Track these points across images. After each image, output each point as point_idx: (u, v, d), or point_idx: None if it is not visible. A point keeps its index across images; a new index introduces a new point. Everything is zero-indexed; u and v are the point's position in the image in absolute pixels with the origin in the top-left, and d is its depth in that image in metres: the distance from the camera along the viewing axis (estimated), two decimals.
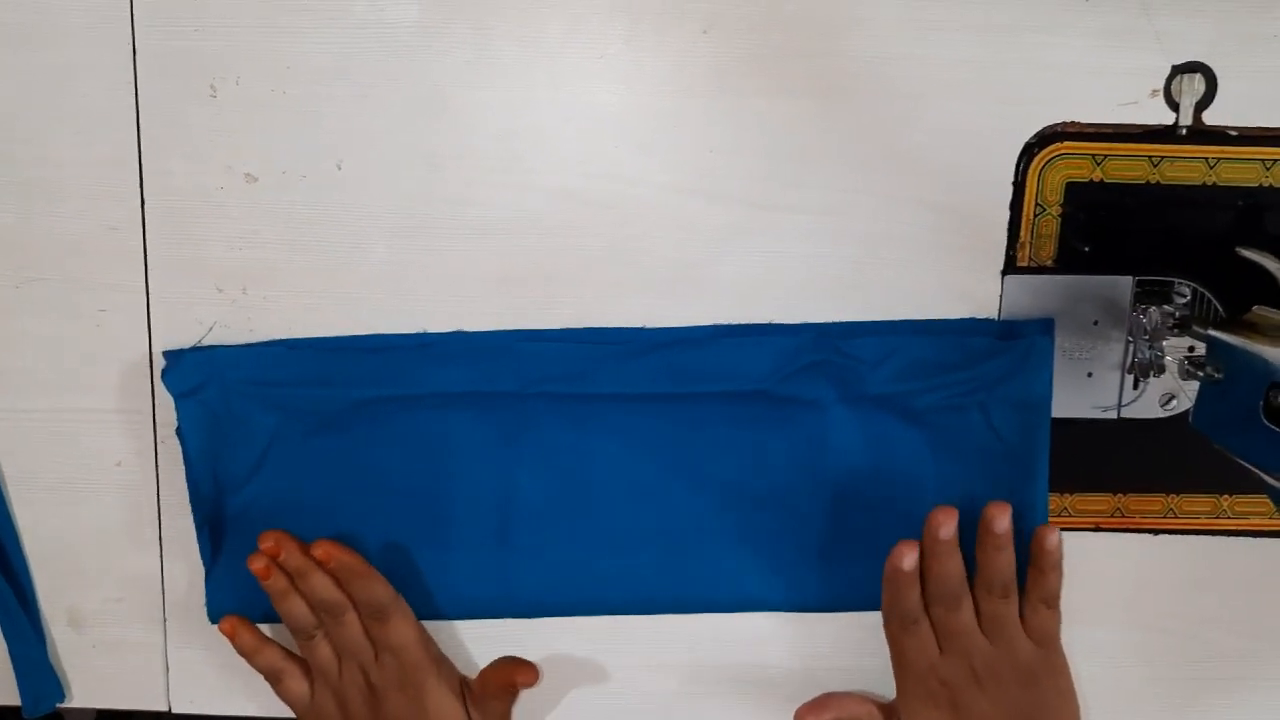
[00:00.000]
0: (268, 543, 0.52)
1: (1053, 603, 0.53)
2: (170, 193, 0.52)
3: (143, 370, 0.54)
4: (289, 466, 0.54)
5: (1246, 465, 0.46)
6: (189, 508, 0.54)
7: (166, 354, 0.53)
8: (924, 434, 0.54)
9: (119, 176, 0.52)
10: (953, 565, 0.52)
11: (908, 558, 0.52)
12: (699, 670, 0.57)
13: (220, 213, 0.52)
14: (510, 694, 0.55)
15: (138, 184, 0.52)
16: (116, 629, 0.57)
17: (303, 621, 0.53)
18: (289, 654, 0.55)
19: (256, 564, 0.52)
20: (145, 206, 0.52)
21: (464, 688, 0.56)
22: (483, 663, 0.56)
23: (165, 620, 0.57)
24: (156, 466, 0.55)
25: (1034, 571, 0.53)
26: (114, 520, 0.56)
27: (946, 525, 0.52)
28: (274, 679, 0.55)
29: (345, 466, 0.54)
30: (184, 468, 0.54)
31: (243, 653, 0.54)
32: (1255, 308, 0.48)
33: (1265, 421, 0.45)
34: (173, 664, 0.57)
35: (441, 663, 0.55)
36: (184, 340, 0.53)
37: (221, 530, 0.55)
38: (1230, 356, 0.47)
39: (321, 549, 0.52)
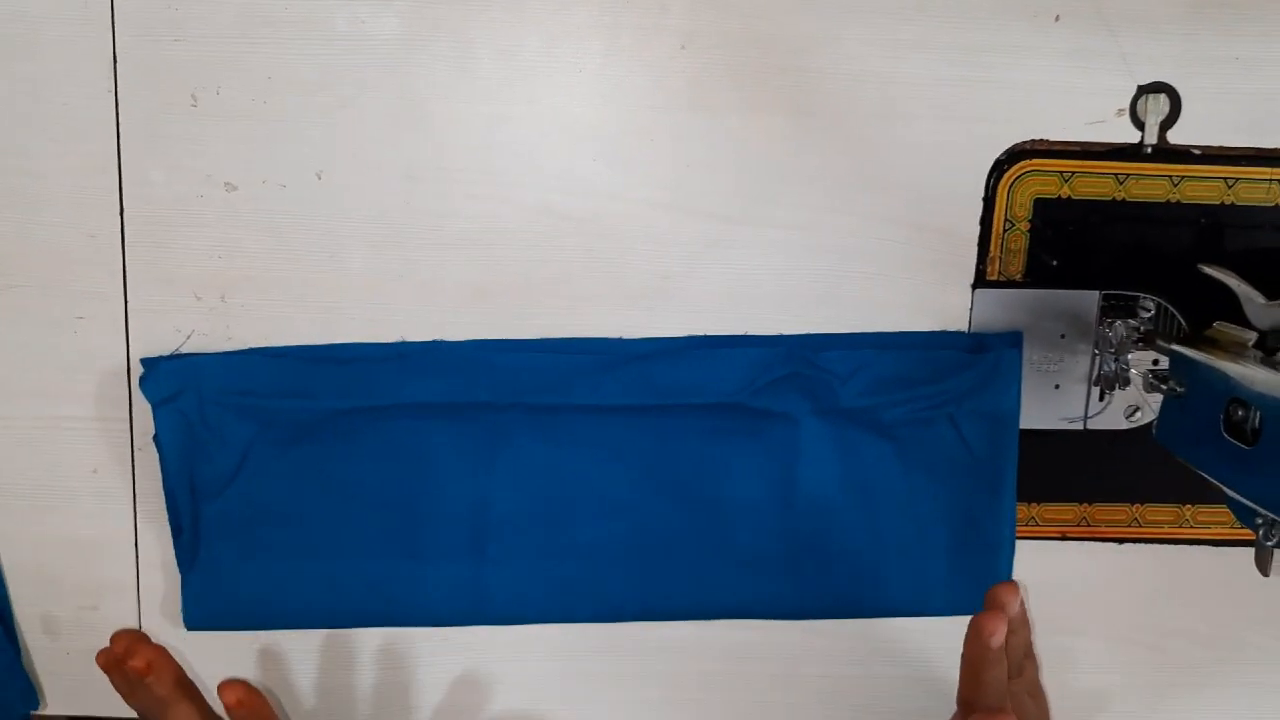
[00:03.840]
0: (119, 645, 0.51)
1: (1030, 653, 0.54)
2: (150, 201, 0.52)
3: (120, 378, 0.54)
4: (265, 475, 0.54)
5: (1207, 478, 0.47)
6: (165, 516, 0.54)
7: (144, 361, 0.53)
8: (894, 446, 0.55)
9: (99, 185, 0.52)
10: (1002, 670, 0.48)
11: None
12: (678, 677, 0.58)
13: (200, 221, 0.52)
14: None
15: (117, 192, 0.52)
16: (91, 636, 0.56)
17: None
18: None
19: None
20: (124, 215, 0.52)
21: None
22: (449, 668, 0.57)
23: (141, 628, 0.57)
24: (133, 474, 0.55)
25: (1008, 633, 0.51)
26: (90, 528, 0.55)
27: (998, 635, 0.47)
28: None
29: (321, 476, 0.54)
30: (160, 475, 0.54)
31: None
32: (1216, 323, 0.49)
33: (1225, 435, 0.46)
34: None
35: None
36: (162, 348, 0.53)
37: (198, 538, 0.55)
38: (1192, 371, 0.48)
39: (232, 694, 0.51)
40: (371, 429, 0.54)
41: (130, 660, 0.51)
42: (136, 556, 0.56)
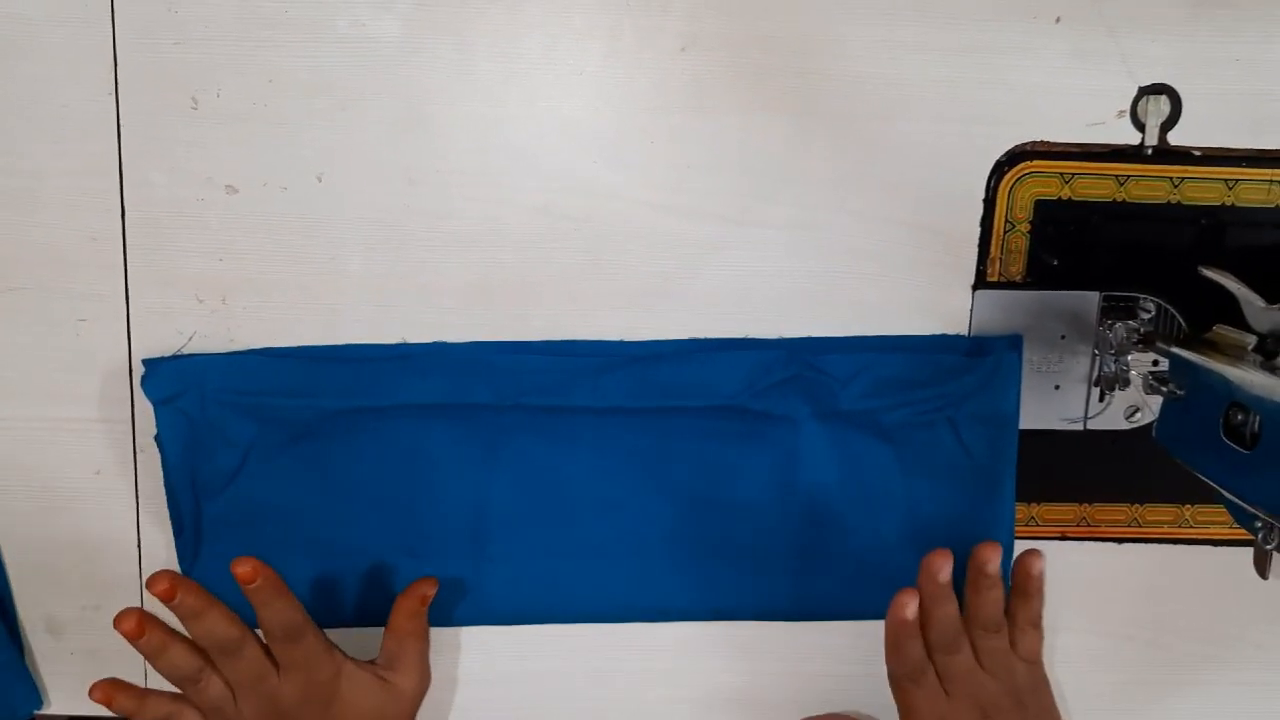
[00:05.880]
0: (161, 585, 0.48)
1: (1038, 623, 0.55)
2: (151, 203, 0.52)
3: (122, 379, 0.54)
4: (266, 475, 0.54)
5: (1206, 481, 0.47)
6: (167, 516, 0.55)
7: (145, 362, 0.53)
8: (894, 449, 0.55)
9: (100, 187, 0.52)
10: (952, 609, 0.53)
11: (910, 606, 0.53)
12: (678, 677, 0.58)
13: (201, 223, 0.52)
14: (422, 620, 0.54)
15: (118, 194, 0.52)
16: (95, 636, 0.57)
17: (187, 669, 0.51)
18: (175, 696, 0.52)
19: (126, 624, 0.49)
20: (126, 217, 0.52)
21: (374, 673, 0.54)
22: (454, 668, 0.58)
23: None
24: (135, 475, 0.55)
25: (1020, 597, 0.55)
26: (93, 528, 0.56)
27: (944, 570, 0.52)
28: None
29: (322, 476, 0.54)
30: (162, 475, 0.54)
31: (125, 714, 0.52)
32: (1216, 326, 0.49)
33: (1224, 439, 0.46)
34: (151, 671, 0.57)
35: (346, 661, 0.53)
36: (164, 350, 0.53)
37: (199, 538, 0.55)
38: (1191, 374, 0.48)
39: (247, 565, 0.48)
40: (372, 429, 0.54)
41: (155, 589, 0.49)
42: (139, 556, 0.56)
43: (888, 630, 0.54)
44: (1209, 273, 0.49)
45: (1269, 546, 0.45)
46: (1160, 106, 0.52)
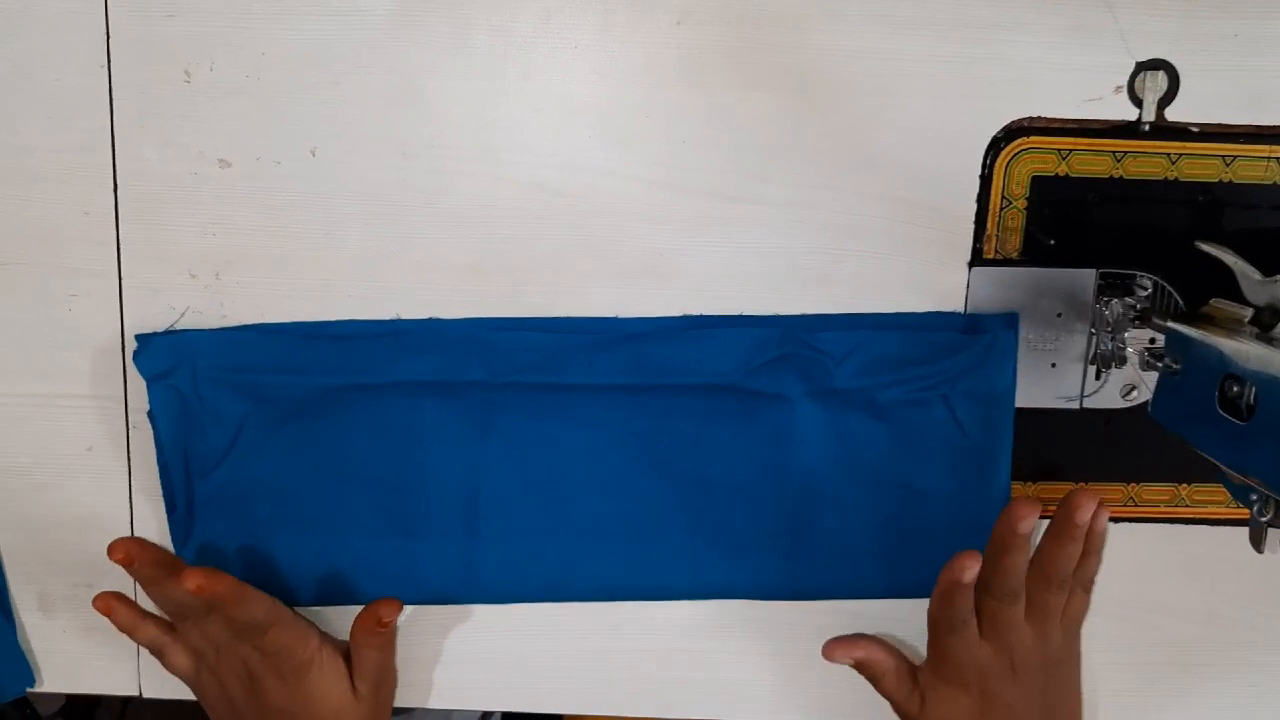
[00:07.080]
0: (118, 554, 0.51)
1: (1090, 587, 0.53)
2: (143, 178, 0.52)
3: (115, 355, 0.54)
4: (259, 452, 0.54)
5: (1202, 454, 0.47)
6: (160, 493, 0.54)
7: (138, 337, 0.53)
8: (889, 428, 0.54)
9: (92, 161, 0.52)
10: (1022, 559, 0.51)
11: (969, 571, 0.50)
12: (671, 655, 0.58)
13: (193, 198, 0.52)
14: (380, 637, 0.54)
15: (111, 169, 0.52)
16: (87, 614, 0.56)
17: (171, 607, 0.53)
18: (170, 627, 0.54)
19: (117, 554, 0.51)
20: (118, 191, 0.52)
21: (348, 663, 0.55)
22: (447, 647, 0.58)
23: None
24: (128, 451, 0.55)
25: (1081, 556, 0.52)
26: (85, 505, 0.56)
27: (1028, 520, 0.49)
28: (158, 654, 0.55)
29: (315, 453, 0.54)
30: (155, 451, 0.54)
31: (122, 629, 0.54)
32: (1213, 300, 0.49)
33: (1220, 411, 0.46)
34: (144, 656, 0.57)
35: (323, 648, 0.54)
36: (156, 326, 0.53)
37: (192, 515, 0.55)
38: (1187, 348, 0.48)
39: (193, 581, 0.49)
40: (365, 406, 0.54)
41: (112, 556, 0.51)
42: (132, 533, 0.56)
43: (941, 584, 0.51)
44: (1206, 247, 0.49)
45: (1264, 519, 0.45)
46: (1158, 82, 0.52)
